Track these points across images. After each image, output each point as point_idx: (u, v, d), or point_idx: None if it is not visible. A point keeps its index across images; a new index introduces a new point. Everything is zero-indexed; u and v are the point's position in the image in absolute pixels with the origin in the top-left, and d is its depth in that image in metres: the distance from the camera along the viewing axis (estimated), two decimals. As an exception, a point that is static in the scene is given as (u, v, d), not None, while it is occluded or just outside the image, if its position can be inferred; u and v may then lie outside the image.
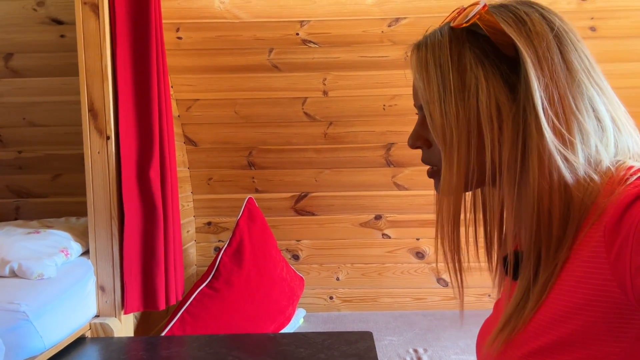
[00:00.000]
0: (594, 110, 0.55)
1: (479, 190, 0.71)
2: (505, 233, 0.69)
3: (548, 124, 0.53)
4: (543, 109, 0.54)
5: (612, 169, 0.54)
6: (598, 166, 0.54)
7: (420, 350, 1.75)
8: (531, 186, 0.55)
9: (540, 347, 0.53)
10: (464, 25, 0.58)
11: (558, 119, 0.54)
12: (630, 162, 0.54)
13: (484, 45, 0.58)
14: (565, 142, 0.54)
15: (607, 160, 0.55)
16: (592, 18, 1.84)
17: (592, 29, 1.87)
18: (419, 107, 0.65)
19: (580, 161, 0.53)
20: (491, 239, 0.71)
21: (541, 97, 0.54)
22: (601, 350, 0.49)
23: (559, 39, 0.56)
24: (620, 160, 0.55)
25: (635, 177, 0.51)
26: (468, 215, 0.69)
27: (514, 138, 0.56)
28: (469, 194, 0.66)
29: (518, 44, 0.55)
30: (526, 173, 0.56)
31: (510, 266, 0.60)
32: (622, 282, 0.46)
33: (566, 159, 0.53)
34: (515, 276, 0.63)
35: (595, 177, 0.53)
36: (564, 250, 0.54)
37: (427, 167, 0.69)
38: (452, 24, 0.60)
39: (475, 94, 0.57)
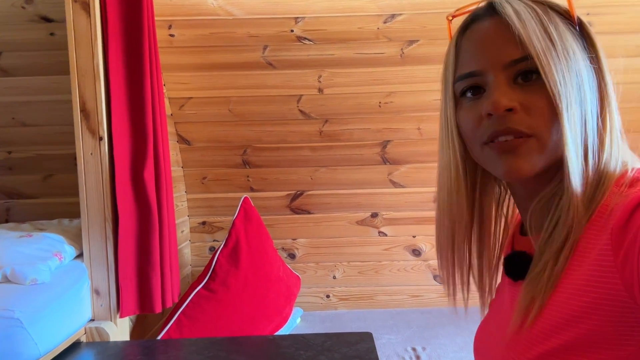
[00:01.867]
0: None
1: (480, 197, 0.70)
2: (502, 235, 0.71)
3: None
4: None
5: (621, 170, 0.54)
6: (608, 161, 0.55)
7: (419, 349, 1.75)
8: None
9: (547, 351, 0.53)
10: None
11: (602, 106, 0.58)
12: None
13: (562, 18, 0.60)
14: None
15: (615, 157, 0.55)
16: (587, 14, 1.84)
17: (588, 24, 1.86)
18: (519, 60, 0.57)
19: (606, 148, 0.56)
20: (494, 243, 0.71)
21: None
22: (608, 353, 0.48)
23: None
24: (628, 162, 0.55)
25: None
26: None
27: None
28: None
29: (584, 22, 0.60)
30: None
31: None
32: (630, 286, 0.46)
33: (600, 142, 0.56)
34: (516, 277, 0.62)
35: (605, 170, 0.54)
36: (570, 246, 0.53)
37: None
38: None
39: (575, 61, 0.57)
